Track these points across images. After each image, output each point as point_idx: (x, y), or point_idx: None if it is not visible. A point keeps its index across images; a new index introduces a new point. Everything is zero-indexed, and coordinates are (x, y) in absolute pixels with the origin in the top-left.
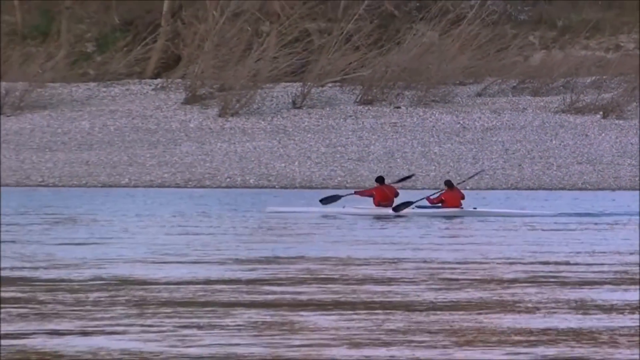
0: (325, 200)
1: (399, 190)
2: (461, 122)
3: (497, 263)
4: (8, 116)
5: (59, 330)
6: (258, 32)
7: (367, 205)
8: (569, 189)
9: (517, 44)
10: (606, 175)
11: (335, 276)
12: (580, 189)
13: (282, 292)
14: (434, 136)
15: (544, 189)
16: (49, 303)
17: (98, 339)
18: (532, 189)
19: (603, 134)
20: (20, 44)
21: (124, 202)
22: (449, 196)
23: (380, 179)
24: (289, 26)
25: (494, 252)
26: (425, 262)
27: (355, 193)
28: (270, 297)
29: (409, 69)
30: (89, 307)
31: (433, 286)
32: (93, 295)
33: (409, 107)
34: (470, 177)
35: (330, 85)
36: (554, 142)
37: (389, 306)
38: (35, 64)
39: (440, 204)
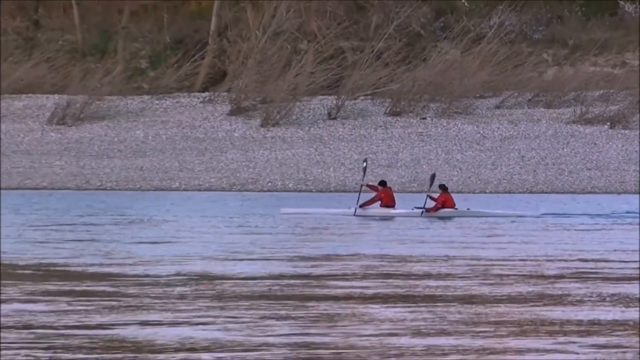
0: (364, 168)
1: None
2: (481, 131)
3: (540, 260)
4: (69, 126)
5: (149, 321)
6: (297, 50)
7: (374, 207)
8: (579, 193)
9: (532, 61)
10: (613, 180)
11: (395, 272)
12: (589, 193)
13: (349, 287)
14: (457, 144)
15: (557, 192)
16: (138, 296)
17: (185, 329)
18: (546, 192)
19: (610, 143)
20: (80, 60)
21: (180, 205)
22: (446, 198)
23: (383, 183)
24: (325, 44)
25: (535, 250)
26: (474, 259)
27: (367, 186)
28: (339, 291)
29: (434, 84)
30: (174, 300)
31: (486, 281)
32: (177, 289)
33: (433, 118)
34: (431, 186)
35: (362, 98)
36: (565, 150)
37: (448, 299)
38: (94, 78)
39: (442, 207)
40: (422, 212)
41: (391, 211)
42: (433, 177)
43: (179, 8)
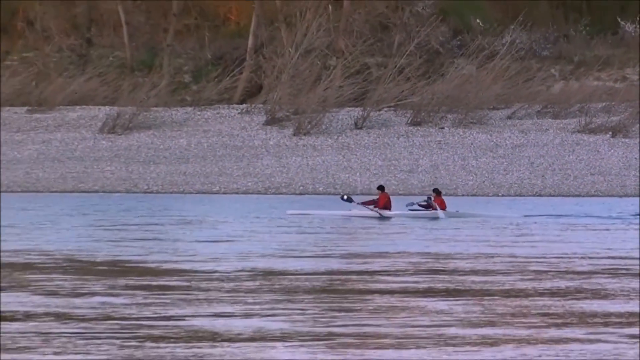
0: (347, 200)
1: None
2: (494, 140)
3: (571, 257)
4: (119, 135)
5: (222, 313)
6: (326, 66)
7: (372, 210)
8: (583, 196)
9: (540, 76)
10: (614, 185)
11: (442, 268)
12: (592, 196)
13: (401, 282)
14: (472, 152)
15: (563, 196)
16: (209, 290)
17: (256, 320)
18: (553, 195)
19: (612, 150)
20: (129, 75)
21: (224, 207)
22: (439, 201)
23: (381, 187)
24: (352, 61)
25: (565, 248)
26: (511, 256)
27: (362, 203)
28: (393, 285)
29: (451, 96)
30: (243, 294)
31: (526, 277)
32: (245, 284)
33: (451, 128)
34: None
35: (385, 109)
36: (571, 157)
37: (494, 293)
38: (142, 91)
39: (432, 208)
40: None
41: (388, 212)
42: (411, 204)
43: (219, 28)
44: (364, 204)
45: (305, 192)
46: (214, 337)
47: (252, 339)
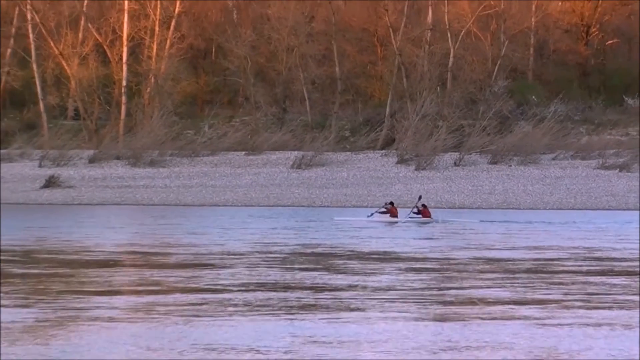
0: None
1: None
2: (544, 173)
3: None
4: (303, 170)
5: (476, 286)
6: (436, 125)
7: (386, 217)
8: (601, 209)
9: (573, 132)
10: (621, 202)
11: (597, 256)
12: (607, 209)
13: (579, 265)
14: (529, 181)
15: (588, 209)
16: (456, 271)
17: (499, 291)
18: (581, 209)
19: (619, 180)
20: (310, 131)
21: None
22: (425, 211)
23: (391, 203)
24: (452, 123)
25: None
26: (635, 249)
27: (377, 212)
28: (574, 267)
29: (516, 145)
30: (482, 274)
31: None
32: (479, 267)
33: (516, 166)
34: (418, 200)
35: (474, 154)
36: (593, 184)
37: (634, 274)
38: (318, 142)
39: (421, 216)
40: (409, 216)
41: (396, 219)
42: (420, 197)
43: (368, 101)
44: (380, 213)
45: None
46: (483, 302)
47: (503, 303)
